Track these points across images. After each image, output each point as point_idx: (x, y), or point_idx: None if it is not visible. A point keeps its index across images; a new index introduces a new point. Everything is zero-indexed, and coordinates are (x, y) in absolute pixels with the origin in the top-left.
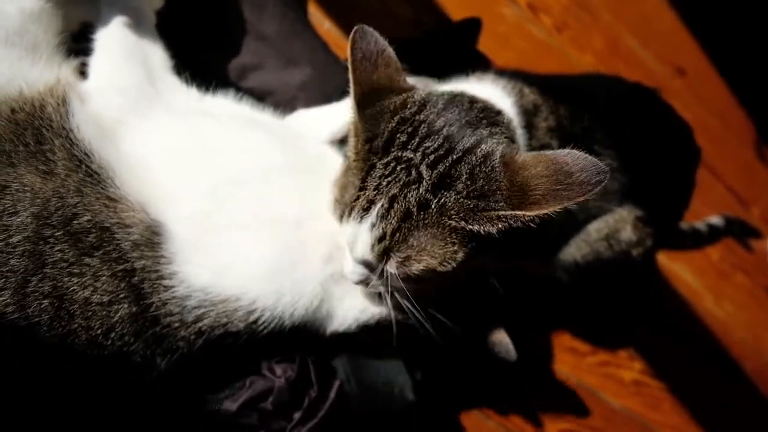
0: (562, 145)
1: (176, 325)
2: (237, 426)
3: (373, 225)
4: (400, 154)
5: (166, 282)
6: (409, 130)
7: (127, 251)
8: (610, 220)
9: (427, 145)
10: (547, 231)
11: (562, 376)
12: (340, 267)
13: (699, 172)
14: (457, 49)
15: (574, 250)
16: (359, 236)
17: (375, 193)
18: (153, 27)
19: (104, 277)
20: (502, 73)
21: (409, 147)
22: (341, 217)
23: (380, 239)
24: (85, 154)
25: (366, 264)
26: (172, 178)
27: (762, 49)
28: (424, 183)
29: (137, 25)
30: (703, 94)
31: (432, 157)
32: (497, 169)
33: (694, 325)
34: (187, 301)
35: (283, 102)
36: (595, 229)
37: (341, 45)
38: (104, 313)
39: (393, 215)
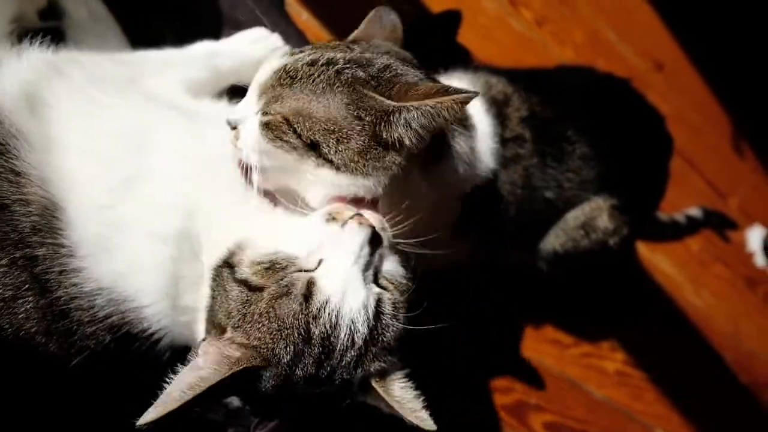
0: (536, 135)
1: (87, 319)
2: (203, 422)
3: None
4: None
5: (72, 278)
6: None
7: (28, 234)
8: (586, 208)
9: (368, 54)
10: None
11: (546, 367)
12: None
13: (678, 164)
14: (436, 41)
15: (553, 239)
16: (271, 65)
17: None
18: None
19: (3, 268)
20: (470, 68)
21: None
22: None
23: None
24: None
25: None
26: (86, 164)
27: (739, 44)
28: (352, 55)
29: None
30: (681, 88)
31: (367, 55)
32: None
33: (675, 315)
34: (96, 298)
35: None
36: (573, 217)
37: (320, 36)
38: (9, 310)
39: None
